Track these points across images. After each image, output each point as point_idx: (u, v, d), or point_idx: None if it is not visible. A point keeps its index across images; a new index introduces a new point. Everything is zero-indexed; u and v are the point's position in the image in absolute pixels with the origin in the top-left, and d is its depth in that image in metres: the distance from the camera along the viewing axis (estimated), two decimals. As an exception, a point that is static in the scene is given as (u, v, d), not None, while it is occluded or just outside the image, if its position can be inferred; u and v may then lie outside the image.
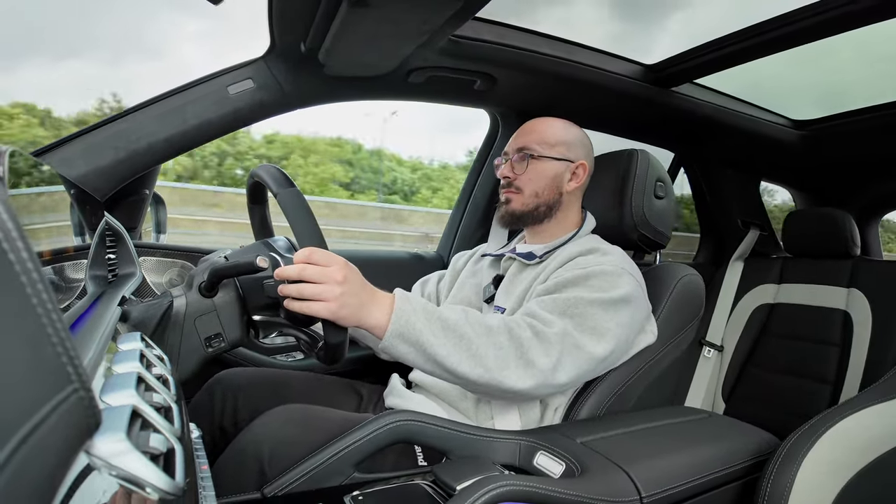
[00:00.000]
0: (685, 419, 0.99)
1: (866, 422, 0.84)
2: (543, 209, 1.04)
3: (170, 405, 0.41)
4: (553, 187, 1.04)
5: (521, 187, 1.03)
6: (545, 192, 1.03)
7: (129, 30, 28.93)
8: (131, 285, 0.82)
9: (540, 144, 1.03)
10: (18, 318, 0.19)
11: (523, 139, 1.05)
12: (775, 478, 0.78)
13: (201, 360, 0.80)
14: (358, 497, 0.66)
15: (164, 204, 1.47)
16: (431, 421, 0.77)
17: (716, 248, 2.16)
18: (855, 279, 1.66)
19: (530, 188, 1.03)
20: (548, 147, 1.03)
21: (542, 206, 1.03)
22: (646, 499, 0.70)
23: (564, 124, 1.07)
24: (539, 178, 1.03)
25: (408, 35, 1.02)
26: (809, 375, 1.64)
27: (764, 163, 2.01)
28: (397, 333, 0.74)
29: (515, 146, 1.06)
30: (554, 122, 1.07)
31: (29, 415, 0.19)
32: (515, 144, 1.06)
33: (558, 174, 1.04)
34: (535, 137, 1.04)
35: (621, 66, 1.40)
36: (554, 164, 1.03)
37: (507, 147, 1.09)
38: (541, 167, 1.03)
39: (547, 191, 1.03)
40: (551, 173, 1.03)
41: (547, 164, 1.03)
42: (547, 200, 1.04)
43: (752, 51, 1.24)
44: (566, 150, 1.04)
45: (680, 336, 1.04)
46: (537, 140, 1.04)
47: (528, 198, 1.03)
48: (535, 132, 1.05)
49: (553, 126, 1.06)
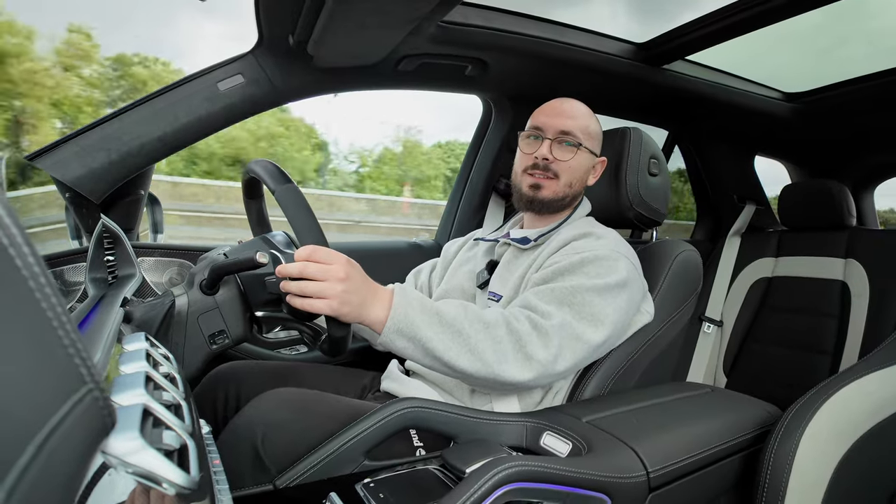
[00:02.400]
0: (688, 394, 1.01)
1: (866, 389, 0.86)
2: (569, 200, 1.02)
3: (179, 402, 0.42)
4: (584, 180, 1.02)
5: (558, 173, 0.99)
6: (577, 183, 1.01)
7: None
8: (132, 286, 0.82)
9: (584, 134, 0.99)
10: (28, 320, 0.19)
11: (567, 122, 0.98)
12: (778, 448, 0.79)
13: (206, 357, 0.81)
14: (369, 484, 0.67)
15: (160, 204, 1.47)
16: (439, 407, 0.78)
17: (713, 225, 2.17)
18: (852, 250, 1.67)
19: (567, 177, 0.99)
20: (589, 138, 1.00)
21: (569, 197, 1.01)
22: (652, 473, 0.71)
23: (593, 114, 1.04)
24: (579, 169, 1.00)
25: (396, 23, 1.01)
26: (809, 347, 1.66)
27: (758, 137, 2.01)
28: (395, 329, 0.74)
29: (559, 127, 0.98)
30: (587, 109, 1.03)
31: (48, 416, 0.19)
32: (558, 125, 0.98)
33: (588, 168, 1.02)
34: (579, 124, 0.99)
35: (612, 46, 1.39)
36: (590, 157, 1.01)
37: (538, 123, 1.01)
38: (582, 159, 1.00)
39: (578, 183, 1.01)
40: (587, 165, 1.01)
41: (586, 156, 1.00)
42: (575, 192, 1.01)
43: (742, 25, 1.23)
44: (597, 144, 1.03)
45: (679, 312, 1.05)
46: (582, 128, 0.99)
47: (562, 187, 0.99)
48: (577, 117, 1.00)
49: (588, 115, 1.03)
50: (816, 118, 1.80)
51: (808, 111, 1.77)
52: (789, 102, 1.77)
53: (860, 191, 2.23)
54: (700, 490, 0.80)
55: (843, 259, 1.68)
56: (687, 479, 0.77)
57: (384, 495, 0.65)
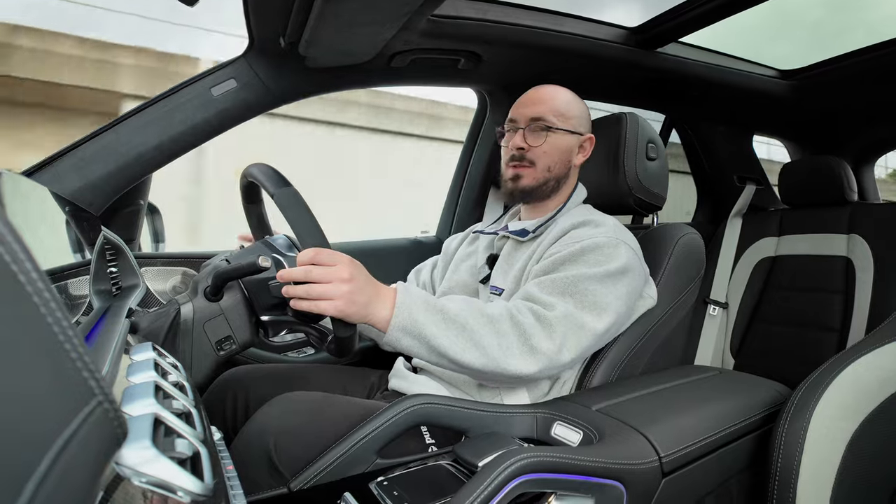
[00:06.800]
0: (696, 377, 1.01)
1: (875, 364, 0.85)
2: (553, 184, 1.02)
3: (189, 410, 0.42)
4: (564, 161, 1.02)
5: (534, 160, 1.00)
6: (557, 166, 1.01)
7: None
8: (136, 297, 0.83)
9: (556, 116, 1.00)
10: (35, 336, 0.19)
11: (537, 108, 1.00)
12: (789, 427, 0.79)
13: (214, 363, 0.81)
14: (383, 483, 0.67)
15: (160, 213, 1.47)
16: (449, 402, 0.78)
17: (713, 207, 2.16)
18: (854, 224, 1.66)
19: (544, 162, 1.00)
20: (563, 119, 1.00)
21: (552, 180, 1.01)
22: (664, 458, 0.71)
23: (573, 94, 1.04)
24: (554, 151, 1.00)
25: (386, 19, 1.00)
26: (815, 325, 1.66)
27: (755, 116, 2.00)
28: (400, 327, 0.74)
29: (529, 115, 1.00)
30: (562, 91, 1.04)
31: (60, 430, 0.19)
32: (528, 113, 1.00)
33: (570, 147, 1.02)
34: (549, 108, 1.00)
35: (605, 32, 1.38)
36: (568, 137, 1.01)
37: (513, 115, 1.03)
38: (557, 140, 1.00)
39: (559, 165, 1.01)
40: (565, 146, 1.01)
41: (562, 137, 1.00)
42: (558, 175, 1.02)
43: (734, 4, 1.22)
44: (578, 122, 1.02)
45: (684, 295, 1.05)
46: (552, 111, 1.00)
47: (541, 172, 1.00)
48: (547, 101, 1.01)
49: (564, 96, 1.03)
50: (813, 95, 1.79)
51: (804, 88, 1.75)
52: (785, 80, 1.76)
53: (860, 165, 2.22)
54: (713, 472, 0.80)
55: (845, 235, 1.67)
56: (699, 463, 0.77)
57: (398, 493, 0.65)
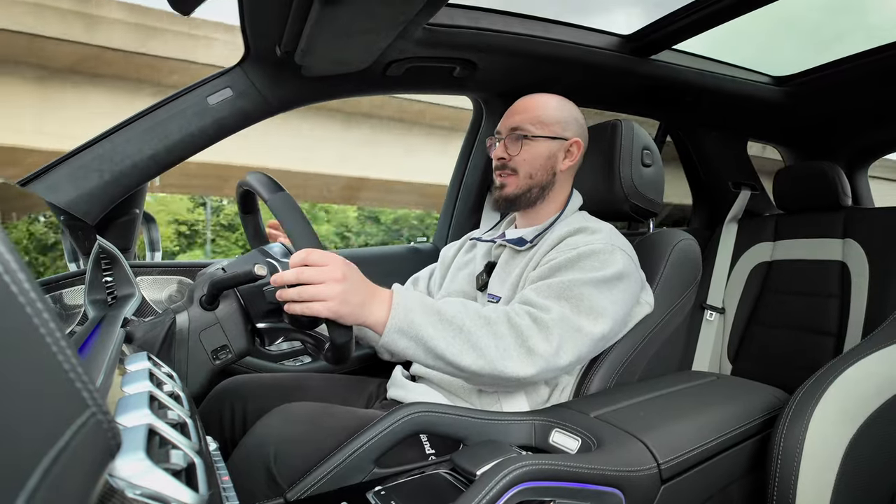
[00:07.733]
0: (694, 383, 1.00)
1: (871, 368, 0.86)
2: (537, 191, 1.03)
3: (185, 421, 0.41)
4: (547, 168, 1.02)
5: (515, 168, 1.01)
6: (539, 172, 1.02)
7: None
8: (131, 306, 0.82)
9: (534, 124, 1.01)
10: (27, 347, 0.19)
11: (516, 118, 1.03)
12: (787, 432, 0.79)
13: (210, 373, 0.80)
14: (380, 492, 0.66)
15: (155, 221, 1.46)
16: (446, 410, 0.78)
17: (709, 213, 2.17)
18: (849, 229, 1.67)
19: (525, 169, 1.01)
20: (542, 126, 1.01)
21: (535, 187, 1.02)
22: (663, 465, 0.71)
23: (558, 100, 1.05)
24: (534, 158, 1.01)
25: (382, 28, 1.01)
26: (812, 329, 1.66)
27: (749, 122, 2.02)
28: (396, 328, 0.74)
29: (508, 125, 1.03)
30: (547, 98, 1.05)
31: (52, 442, 0.19)
32: (508, 123, 1.03)
33: (553, 153, 1.02)
34: (528, 116, 1.02)
35: (599, 39, 1.39)
36: (548, 143, 1.01)
37: (498, 126, 1.06)
38: (535, 147, 1.01)
39: (541, 172, 1.02)
40: (546, 153, 1.02)
41: (541, 143, 1.01)
42: (541, 182, 1.02)
43: (727, 11, 1.23)
44: (561, 128, 1.02)
45: (680, 301, 1.05)
46: (531, 119, 1.02)
47: (523, 180, 1.02)
48: (527, 110, 1.03)
49: (547, 103, 1.04)
50: (806, 100, 1.80)
51: (797, 94, 1.77)
52: (779, 86, 1.77)
53: (854, 170, 2.23)
54: (712, 479, 0.80)
55: (840, 239, 1.68)
56: (698, 469, 0.77)
57: (395, 502, 0.64)
